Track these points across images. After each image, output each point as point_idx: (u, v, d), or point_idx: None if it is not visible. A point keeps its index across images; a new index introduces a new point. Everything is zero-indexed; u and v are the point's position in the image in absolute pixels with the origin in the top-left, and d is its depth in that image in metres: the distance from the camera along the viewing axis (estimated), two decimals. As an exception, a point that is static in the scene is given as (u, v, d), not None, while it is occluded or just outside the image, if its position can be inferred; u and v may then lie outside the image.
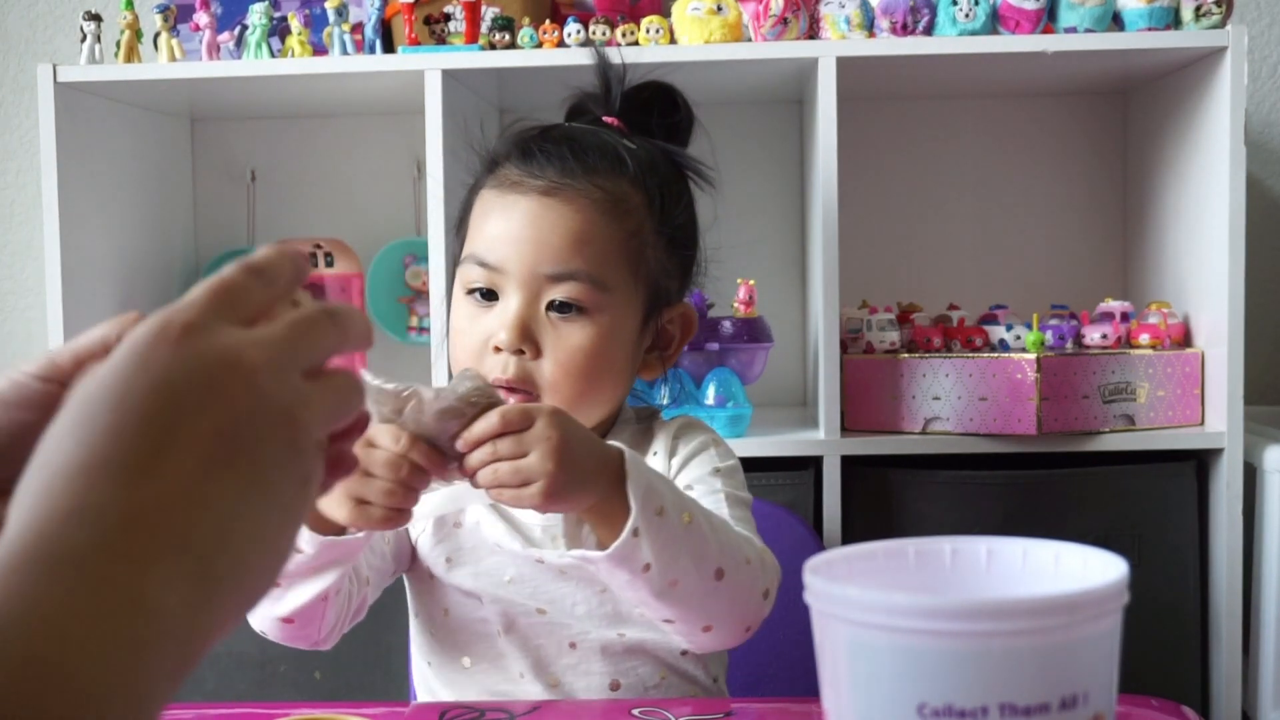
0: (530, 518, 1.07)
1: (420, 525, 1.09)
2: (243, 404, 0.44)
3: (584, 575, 1.05)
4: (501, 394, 0.94)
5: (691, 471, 1.08)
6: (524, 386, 1.04)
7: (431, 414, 0.86)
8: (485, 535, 1.07)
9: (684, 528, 0.93)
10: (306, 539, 0.92)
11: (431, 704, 1.05)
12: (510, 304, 1.04)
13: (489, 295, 1.05)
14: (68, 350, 0.51)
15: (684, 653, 1.08)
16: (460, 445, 0.87)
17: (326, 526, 0.92)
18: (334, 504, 0.88)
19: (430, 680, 1.12)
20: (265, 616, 1.00)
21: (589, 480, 0.90)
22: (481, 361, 1.05)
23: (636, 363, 1.11)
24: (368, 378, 0.86)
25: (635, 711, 0.94)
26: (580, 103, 1.18)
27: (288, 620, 0.99)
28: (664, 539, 0.91)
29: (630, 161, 1.08)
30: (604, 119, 1.14)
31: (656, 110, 1.17)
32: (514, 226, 1.05)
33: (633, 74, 1.18)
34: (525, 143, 1.09)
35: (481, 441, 0.86)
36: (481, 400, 0.87)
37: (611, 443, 0.96)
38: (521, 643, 1.06)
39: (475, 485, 0.88)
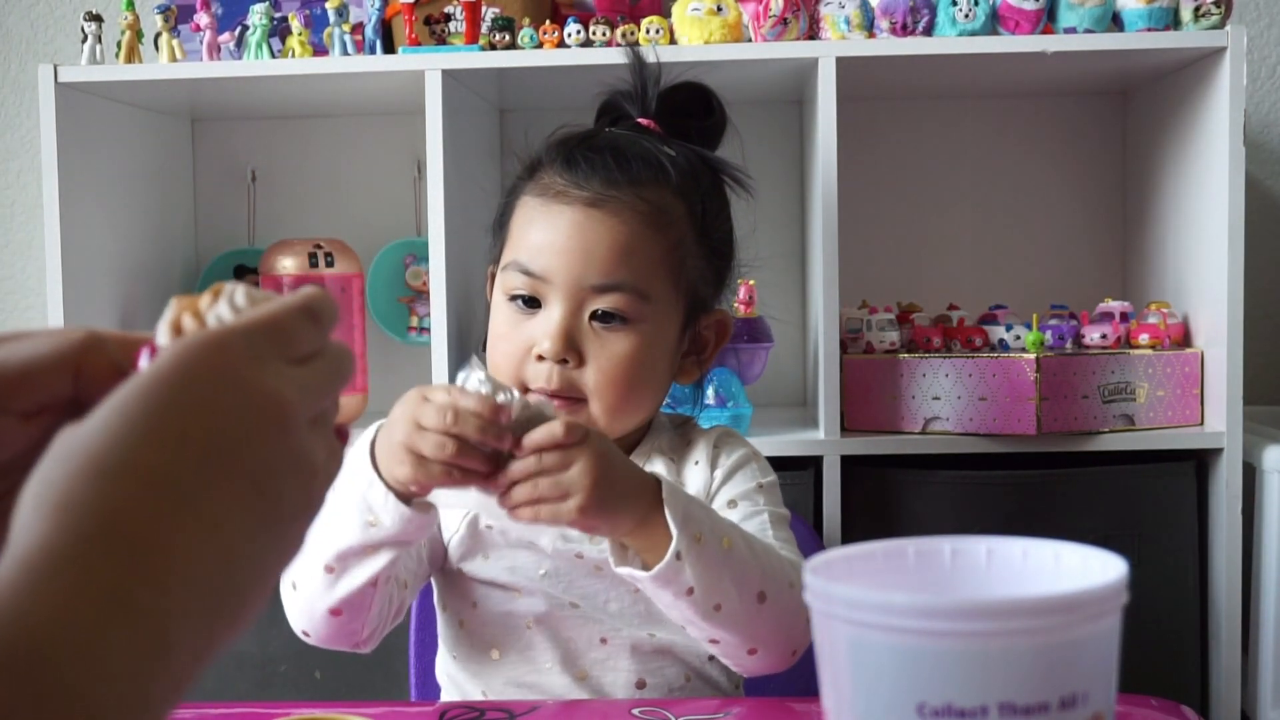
0: None
1: (452, 527, 1.10)
2: (278, 449, 0.44)
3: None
4: (553, 405, 0.95)
5: (735, 487, 1.09)
6: (569, 393, 1.05)
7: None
8: (515, 534, 1.07)
9: (724, 553, 0.94)
10: (388, 511, 0.93)
11: (431, 704, 1.05)
12: (554, 313, 1.05)
13: (531, 303, 1.06)
14: (16, 367, 0.49)
15: (710, 657, 1.08)
16: (520, 450, 0.88)
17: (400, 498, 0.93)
18: (394, 460, 0.89)
19: (456, 674, 1.12)
20: (312, 611, 0.99)
21: (627, 501, 0.91)
22: (523, 368, 1.06)
23: (674, 370, 1.12)
24: (476, 377, 0.89)
25: (635, 711, 0.94)
26: (613, 101, 1.18)
27: (335, 612, 0.99)
28: (705, 563, 0.92)
29: (673, 171, 1.09)
30: (639, 121, 1.14)
31: (692, 112, 1.17)
32: (559, 237, 1.05)
33: (621, 77, 1.18)
34: (569, 150, 1.09)
35: (532, 451, 0.88)
36: (534, 415, 0.89)
37: (650, 470, 0.97)
38: (552, 635, 1.07)
39: (506, 501, 0.89)
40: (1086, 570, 0.60)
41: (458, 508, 1.04)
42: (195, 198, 2.03)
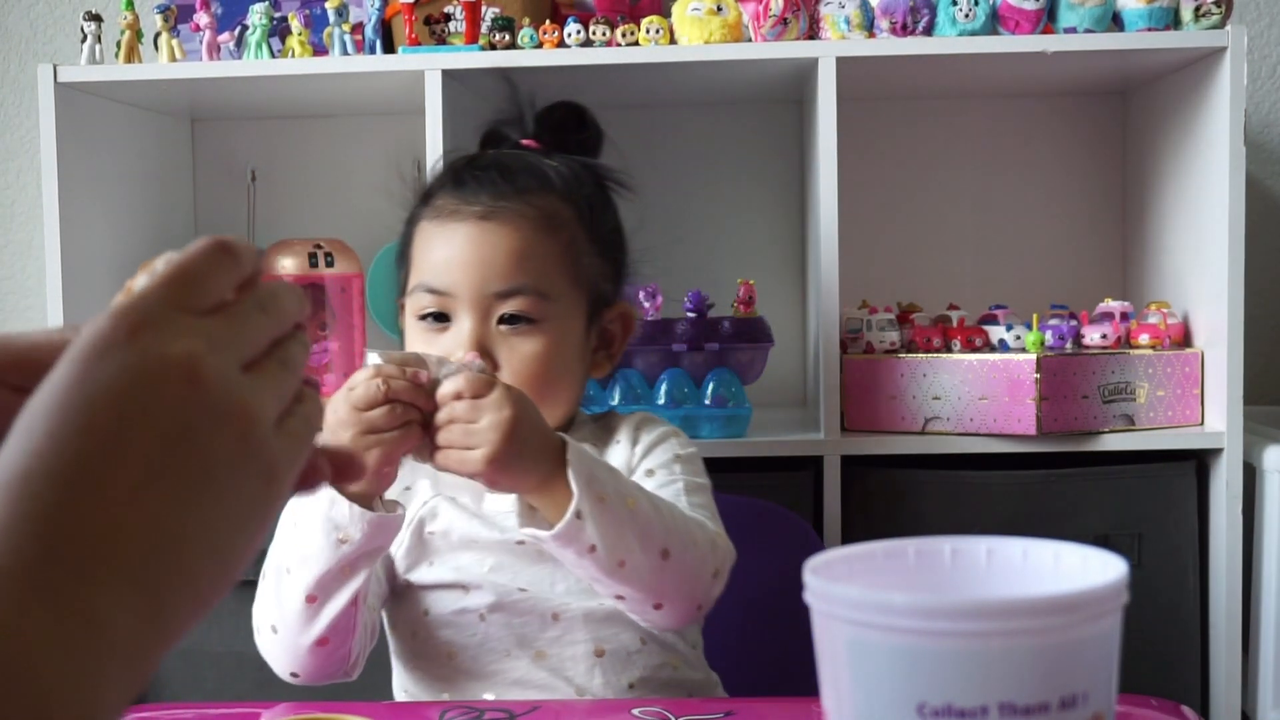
0: (500, 504, 1.11)
1: (398, 538, 1.12)
2: (189, 405, 0.42)
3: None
4: (480, 364, 1.02)
5: (654, 458, 1.14)
6: None
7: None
8: (458, 534, 1.11)
9: (628, 512, 0.99)
10: (355, 522, 0.97)
11: (432, 703, 1.05)
12: (464, 325, 1.10)
13: (440, 319, 1.12)
14: (21, 346, 0.50)
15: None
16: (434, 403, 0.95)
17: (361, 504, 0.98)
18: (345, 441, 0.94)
19: (416, 691, 1.14)
20: (297, 648, 1.03)
21: (532, 460, 0.97)
22: None
23: (586, 364, 1.18)
24: (374, 355, 0.96)
25: (635, 711, 0.94)
26: (494, 130, 1.26)
27: (322, 642, 1.02)
28: (607, 522, 0.97)
29: (557, 179, 1.16)
30: (522, 142, 1.22)
31: (568, 128, 1.24)
32: (458, 252, 1.11)
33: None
34: (457, 172, 1.17)
35: (445, 401, 0.95)
36: (453, 373, 0.97)
37: (560, 434, 1.01)
38: (505, 621, 1.10)
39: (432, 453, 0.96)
40: (1086, 570, 0.60)
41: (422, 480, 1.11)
42: (195, 198, 2.03)
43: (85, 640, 0.38)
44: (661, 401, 1.58)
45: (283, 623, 1.02)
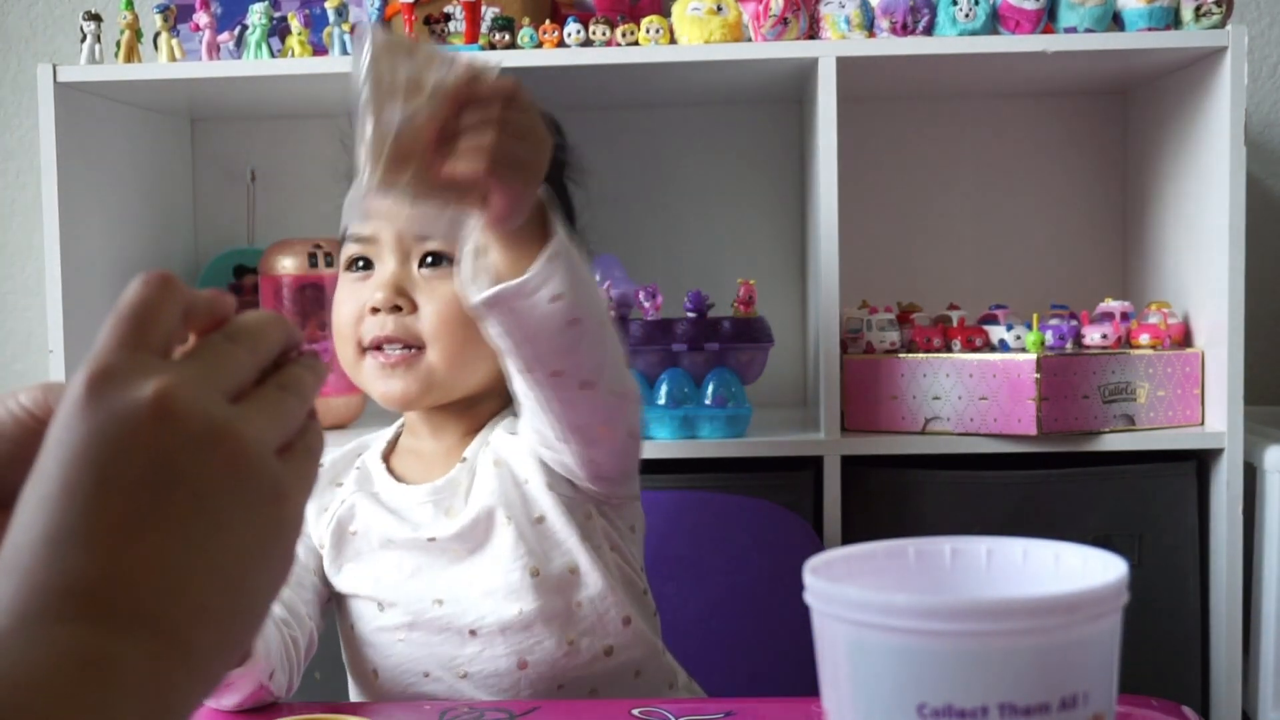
0: (413, 498, 1.09)
1: (320, 539, 1.13)
2: (165, 441, 0.42)
3: (475, 545, 1.07)
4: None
5: None
6: (406, 340, 1.09)
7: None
8: (376, 534, 1.10)
9: (590, 274, 0.96)
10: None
11: (432, 703, 1.05)
12: (385, 267, 1.11)
13: (366, 265, 1.12)
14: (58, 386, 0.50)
15: (578, 604, 1.07)
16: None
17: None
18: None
19: (355, 695, 1.15)
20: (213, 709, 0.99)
21: (531, 185, 0.88)
22: (360, 326, 1.11)
23: None
24: (379, 34, 0.82)
25: (635, 711, 0.94)
26: None
27: (240, 711, 0.99)
28: (575, 272, 0.93)
29: None
30: None
31: None
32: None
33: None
34: None
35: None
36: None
37: (487, 438, 1.02)
38: (423, 640, 1.08)
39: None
40: (1086, 570, 0.60)
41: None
42: (195, 197, 2.03)
43: (98, 687, 0.38)
44: (661, 401, 1.57)
45: None
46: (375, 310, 1.10)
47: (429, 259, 1.10)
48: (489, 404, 1.15)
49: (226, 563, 0.42)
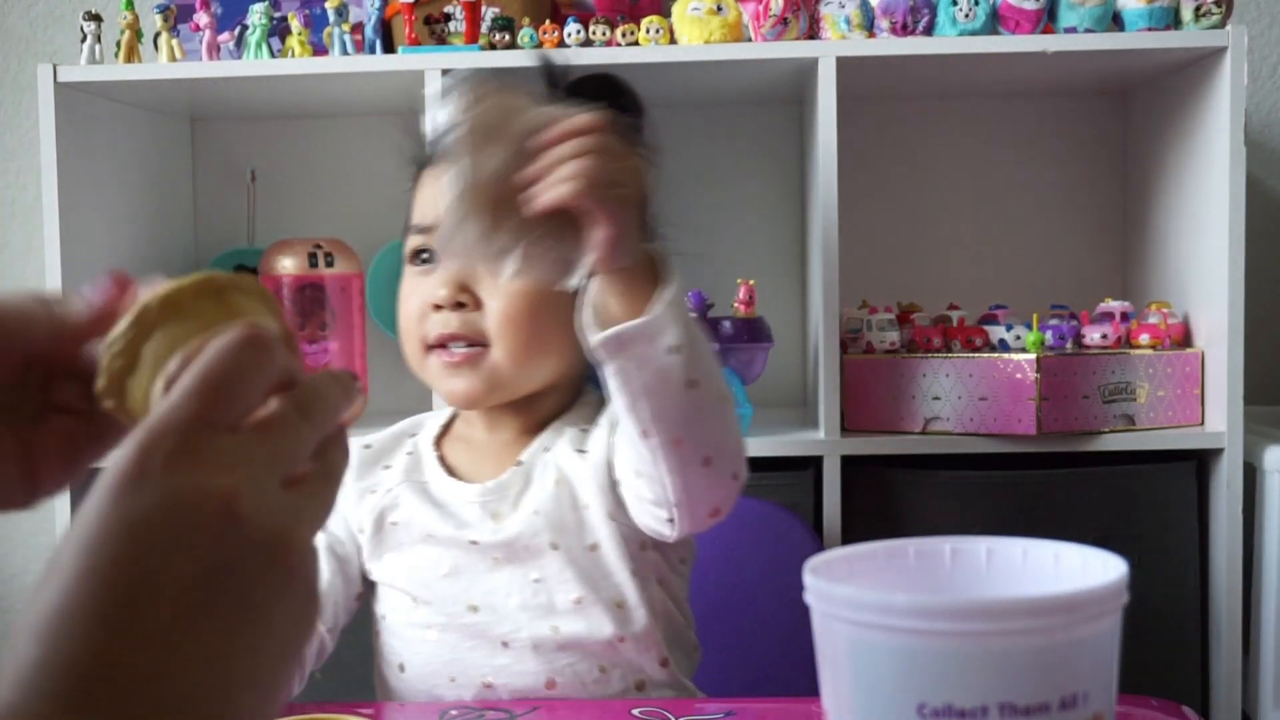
0: (463, 495, 1.08)
1: (360, 526, 1.11)
2: (227, 543, 0.41)
3: (518, 559, 1.05)
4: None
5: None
6: (471, 338, 1.06)
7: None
8: (418, 527, 1.08)
9: (706, 340, 0.92)
10: None
11: (432, 704, 1.05)
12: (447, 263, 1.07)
13: (430, 258, 1.09)
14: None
15: (621, 639, 1.06)
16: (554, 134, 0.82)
17: None
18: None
19: (380, 686, 1.13)
20: None
21: (631, 208, 0.85)
22: (424, 323, 1.08)
23: None
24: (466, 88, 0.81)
25: (635, 711, 0.94)
26: None
27: None
28: (690, 329, 0.89)
29: None
30: None
31: (602, 99, 1.17)
32: (441, 188, 1.05)
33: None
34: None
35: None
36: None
37: (558, 440, 0.99)
38: (453, 645, 1.07)
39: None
40: (1086, 570, 0.60)
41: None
42: (195, 198, 2.03)
43: None
44: None
45: None
46: (439, 307, 1.07)
47: None
48: (550, 400, 1.12)
49: (262, 665, 0.42)
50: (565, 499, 1.06)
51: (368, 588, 1.14)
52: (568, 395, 1.13)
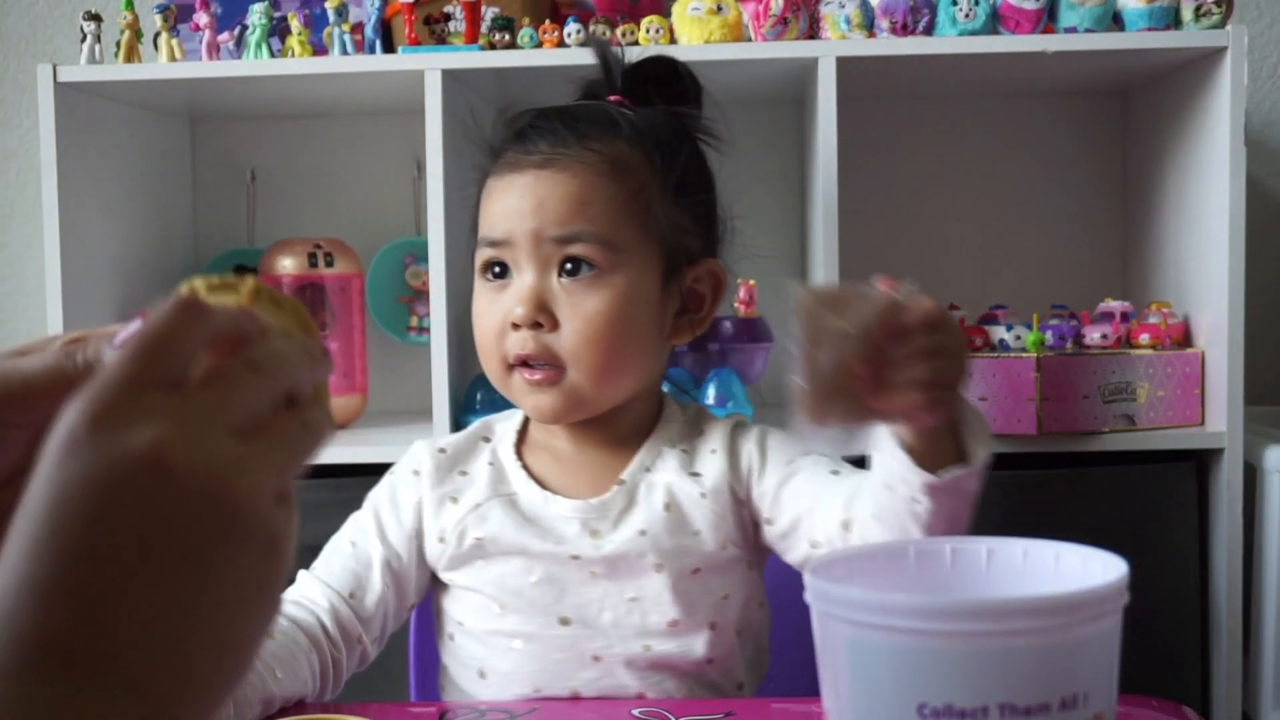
0: (560, 510, 1.06)
1: (442, 538, 1.08)
2: (157, 497, 0.40)
3: (617, 575, 1.04)
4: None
5: (780, 452, 1.08)
6: (547, 360, 1.04)
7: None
8: (509, 543, 1.06)
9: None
10: None
11: (431, 703, 1.05)
12: (524, 278, 1.04)
13: (503, 272, 1.06)
14: (18, 383, 0.48)
15: (709, 661, 1.06)
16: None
17: None
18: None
19: (451, 691, 1.11)
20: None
21: (958, 399, 0.90)
22: (503, 341, 1.05)
23: (664, 329, 1.09)
24: (802, 293, 0.85)
25: (635, 712, 0.94)
26: (586, 89, 1.18)
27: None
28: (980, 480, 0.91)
29: (624, 124, 1.08)
30: (609, 99, 1.14)
31: (659, 82, 1.16)
32: (514, 201, 1.05)
33: None
34: (521, 126, 1.10)
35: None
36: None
37: (661, 465, 0.98)
38: (541, 656, 1.05)
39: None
40: (1086, 571, 0.60)
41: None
42: (195, 198, 2.03)
43: None
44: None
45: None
46: (516, 325, 1.05)
47: (568, 265, 1.03)
48: (633, 411, 1.10)
49: (215, 622, 0.41)
50: (676, 524, 1.05)
51: (437, 589, 1.11)
52: (650, 405, 1.12)
